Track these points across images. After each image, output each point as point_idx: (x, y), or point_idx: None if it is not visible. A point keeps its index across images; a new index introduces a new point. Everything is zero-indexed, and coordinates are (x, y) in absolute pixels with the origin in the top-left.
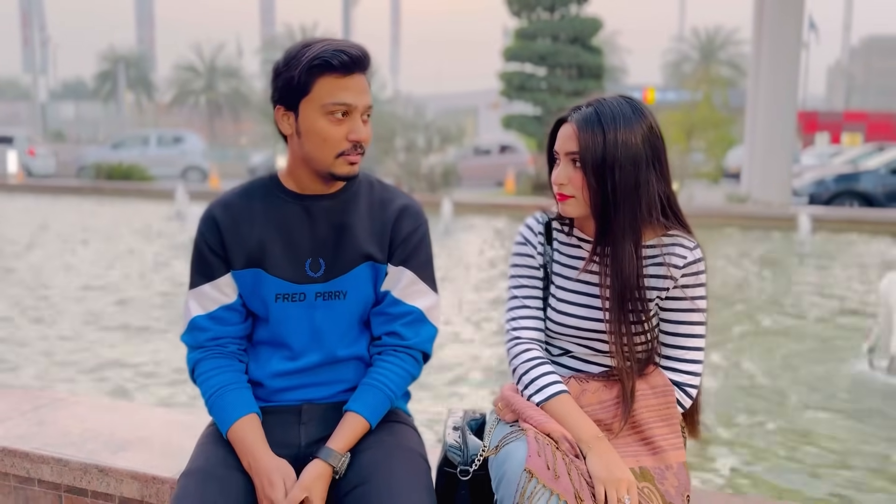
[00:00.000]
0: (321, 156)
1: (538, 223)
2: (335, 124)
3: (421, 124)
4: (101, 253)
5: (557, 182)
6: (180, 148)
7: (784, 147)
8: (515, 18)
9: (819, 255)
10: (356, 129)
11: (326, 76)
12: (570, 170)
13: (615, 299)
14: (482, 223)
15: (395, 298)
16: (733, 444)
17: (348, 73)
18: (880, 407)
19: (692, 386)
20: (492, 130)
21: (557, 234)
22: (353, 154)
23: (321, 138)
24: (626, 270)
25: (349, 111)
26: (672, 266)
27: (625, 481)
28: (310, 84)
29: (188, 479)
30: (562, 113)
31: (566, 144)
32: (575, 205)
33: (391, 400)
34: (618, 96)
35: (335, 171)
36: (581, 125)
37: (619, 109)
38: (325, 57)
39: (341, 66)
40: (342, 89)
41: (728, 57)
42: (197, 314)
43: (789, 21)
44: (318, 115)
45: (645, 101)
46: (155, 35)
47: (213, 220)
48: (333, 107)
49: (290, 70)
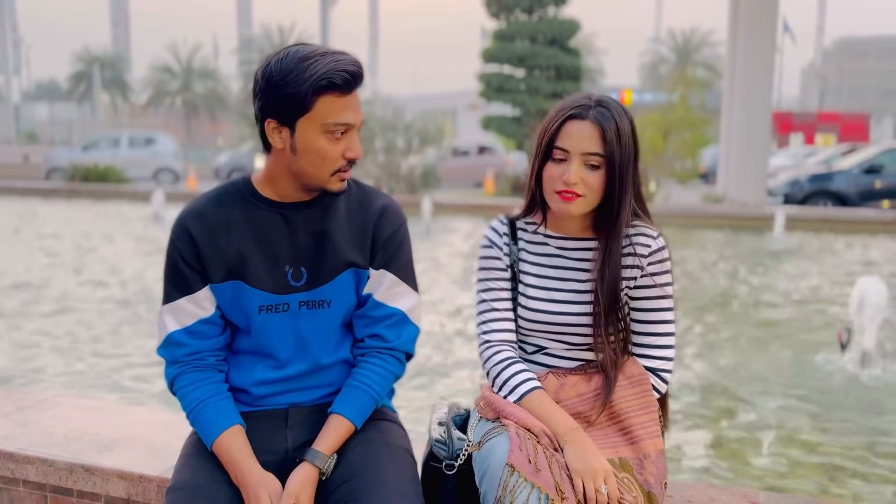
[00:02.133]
0: (317, 173)
1: (502, 224)
2: (333, 143)
3: (400, 125)
4: (82, 254)
5: (569, 181)
6: (152, 149)
7: (759, 148)
8: (494, 20)
9: (794, 254)
10: (353, 147)
11: (329, 95)
12: (586, 170)
13: (607, 293)
14: (462, 224)
15: (378, 301)
16: (705, 436)
17: (349, 92)
18: (852, 399)
19: (666, 371)
20: (471, 132)
21: (522, 234)
22: (346, 170)
23: (320, 157)
24: (616, 263)
25: (347, 129)
26: (639, 255)
27: (601, 471)
28: (312, 103)
29: (177, 494)
30: (569, 110)
31: (584, 144)
32: (583, 204)
33: (375, 401)
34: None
35: (329, 187)
36: (605, 126)
37: (619, 109)
38: (331, 77)
39: (345, 84)
40: (344, 108)
41: (704, 59)
42: (174, 329)
43: (764, 23)
44: (318, 134)
45: (622, 103)
46: (130, 35)
47: (186, 231)
48: (335, 126)
49: (290, 87)
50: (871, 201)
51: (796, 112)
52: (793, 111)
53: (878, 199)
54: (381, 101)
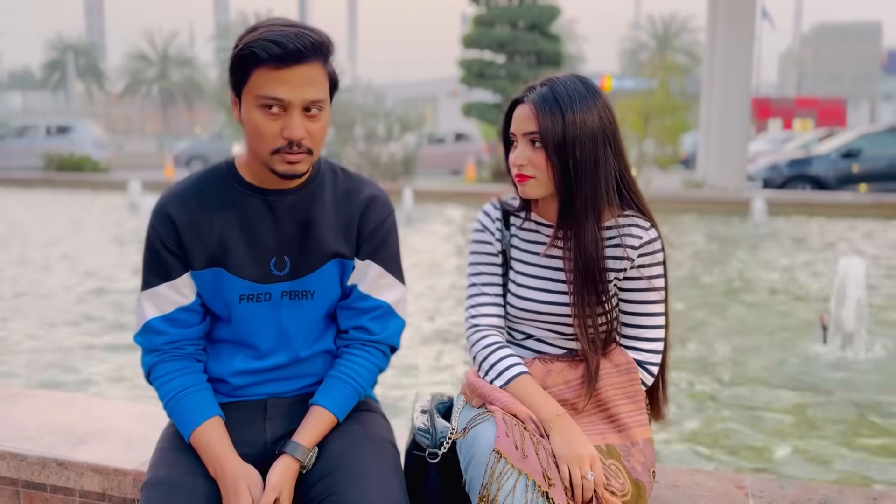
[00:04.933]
0: (258, 150)
1: (495, 209)
2: (270, 119)
3: (381, 113)
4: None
5: (517, 163)
6: (68, 138)
7: (738, 133)
8: (474, 5)
9: (774, 238)
10: (290, 126)
11: (261, 67)
12: (530, 150)
13: (579, 279)
14: (443, 211)
15: (363, 293)
16: (690, 420)
17: (284, 66)
18: (835, 381)
19: (653, 364)
20: (451, 118)
21: (515, 220)
22: (290, 153)
23: (256, 132)
24: (589, 248)
25: (285, 106)
26: (628, 247)
27: (587, 457)
28: (247, 73)
29: (153, 490)
30: (516, 94)
31: (524, 125)
32: (536, 185)
33: (359, 394)
34: (570, 75)
35: (274, 167)
36: (538, 104)
37: (574, 88)
38: (254, 48)
39: (272, 58)
40: (276, 82)
41: (683, 45)
42: (152, 316)
43: (743, 9)
44: (253, 108)
45: (602, 89)
46: (105, 23)
47: (167, 216)
48: (265, 100)
49: (232, 57)
50: (848, 185)
51: (774, 97)
52: (771, 97)
53: (856, 183)
54: (361, 89)
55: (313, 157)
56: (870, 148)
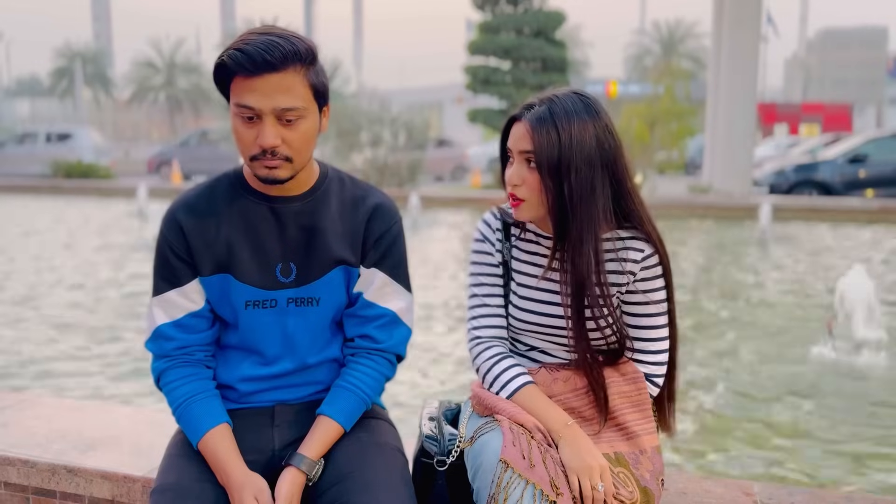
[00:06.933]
0: (242, 156)
1: (495, 219)
2: (247, 127)
3: (386, 119)
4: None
5: (511, 182)
6: (68, 145)
7: (745, 138)
8: (479, 12)
9: (780, 243)
10: (262, 135)
11: (238, 76)
12: (525, 169)
13: (575, 299)
14: (450, 217)
15: (368, 301)
16: (698, 427)
17: (255, 75)
18: (843, 388)
19: (658, 376)
20: (457, 125)
21: (515, 230)
22: (266, 160)
23: (237, 139)
24: (584, 273)
25: (258, 114)
26: (630, 261)
27: (597, 468)
28: (228, 81)
29: (162, 496)
30: (514, 111)
31: (520, 143)
32: (527, 209)
33: (365, 403)
34: (571, 93)
35: (256, 173)
36: (535, 124)
37: (573, 107)
38: (224, 58)
39: (238, 67)
40: (248, 91)
41: (688, 50)
42: (162, 322)
43: (748, 15)
44: (234, 115)
45: (608, 95)
46: (112, 30)
47: (176, 223)
48: (238, 109)
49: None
50: (855, 190)
51: (780, 103)
52: (777, 102)
53: (863, 189)
54: (366, 95)
55: (296, 164)
56: (876, 153)
